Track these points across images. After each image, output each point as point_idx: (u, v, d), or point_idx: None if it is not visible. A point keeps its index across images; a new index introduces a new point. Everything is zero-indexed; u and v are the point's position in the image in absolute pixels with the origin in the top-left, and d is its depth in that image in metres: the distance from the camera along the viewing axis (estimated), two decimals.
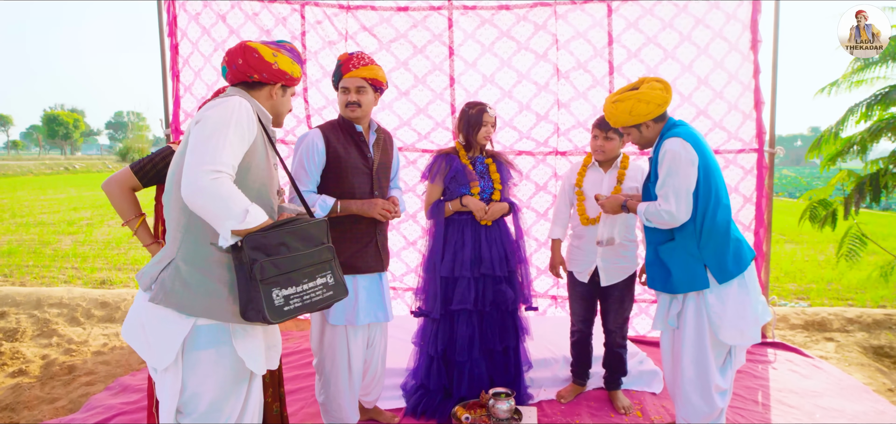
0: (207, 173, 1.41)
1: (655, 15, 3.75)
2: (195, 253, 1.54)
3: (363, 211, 2.38)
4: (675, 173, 2.14)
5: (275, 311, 1.48)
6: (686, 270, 2.22)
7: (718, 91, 3.84)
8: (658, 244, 2.31)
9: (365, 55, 2.38)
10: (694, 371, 2.26)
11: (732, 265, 2.19)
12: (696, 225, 2.21)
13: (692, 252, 2.21)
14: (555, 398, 3.00)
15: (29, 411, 3.02)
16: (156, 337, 1.53)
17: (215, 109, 1.53)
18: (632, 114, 2.24)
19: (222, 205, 1.42)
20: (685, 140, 2.17)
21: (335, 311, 2.36)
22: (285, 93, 1.79)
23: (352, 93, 2.36)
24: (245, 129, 1.55)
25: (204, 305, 1.52)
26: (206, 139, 1.45)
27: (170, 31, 4.06)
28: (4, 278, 6.58)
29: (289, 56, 1.76)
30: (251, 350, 1.62)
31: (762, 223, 3.94)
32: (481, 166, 2.82)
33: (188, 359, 1.55)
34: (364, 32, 3.98)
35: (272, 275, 1.49)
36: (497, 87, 3.91)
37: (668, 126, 2.29)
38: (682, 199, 2.15)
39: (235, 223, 1.44)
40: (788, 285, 6.60)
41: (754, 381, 3.31)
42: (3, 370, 3.57)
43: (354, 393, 2.49)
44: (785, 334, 4.31)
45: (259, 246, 1.48)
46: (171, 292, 1.50)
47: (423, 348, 2.83)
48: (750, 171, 3.95)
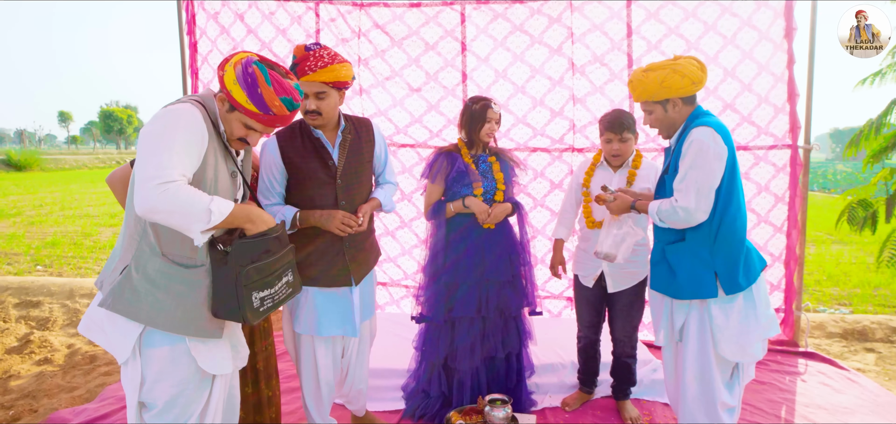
0: (157, 187, 1.38)
1: (678, 4, 3.56)
2: (147, 263, 1.55)
3: (321, 223, 2.15)
4: (699, 166, 1.94)
5: (254, 313, 1.56)
6: (693, 275, 2.05)
7: (747, 83, 3.62)
8: (666, 243, 2.14)
9: (325, 52, 2.06)
10: (698, 388, 2.11)
11: (742, 276, 2.03)
12: (711, 228, 2.04)
13: (703, 257, 2.05)
14: (559, 405, 2.90)
15: (48, 399, 3.15)
16: (112, 335, 1.56)
17: (158, 120, 1.49)
18: (663, 85, 2.02)
19: (181, 212, 1.41)
20: (716, 131, 1.97)
21: (297, 318, 2.26)
22: (230, 111, 1.64)
23: (310, 100, 2.07)
24: (193, 133, 1.51)
25: (149, 314, 1.53)
26: (151, 152, 1.42)
27: (189, 29, 4.14)
28: (44, 268, 6.93)
29: (240, 81, 1.57)
30: (208, 353, 1.62)
31: (795, 224, 3.70)
32: (484, 165, 2.72)
33: (145, 355, 1.57)
34: (376, 30, 3.94)
35: (255, 280, 1.54)
36: (510, 82, 3.81)
37: (696, 114, 2.09)
38: (703, 196, 1.95)
39: (202, 224, 1.44)
40: (830, 289, 6.20)
41: (779, 394, 3.10)
42: (31, 358, 3.74)
43: (324, 402, 2.37)
44: (820, 343, 4.04)
45: (248, 253, 1.53)
46: (120, 298, 1.52)
47: (424, 353, 2.77)
48: (782, 168, 3.72)
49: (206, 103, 1.63)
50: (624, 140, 2.60)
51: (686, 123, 2.09)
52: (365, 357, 2.52)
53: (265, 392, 2.23)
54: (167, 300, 1.54)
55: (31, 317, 4.56)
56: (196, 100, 1.61)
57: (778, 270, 3.81)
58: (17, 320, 4.52)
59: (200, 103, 1.61)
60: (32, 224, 10.78)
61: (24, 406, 3.06)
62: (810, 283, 6.34)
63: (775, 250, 3.79)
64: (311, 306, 2.23)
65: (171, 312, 1.54)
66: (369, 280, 2.43)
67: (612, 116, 2.62)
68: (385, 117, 4.01)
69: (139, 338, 1.55)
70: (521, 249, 2.75)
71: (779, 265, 3.81)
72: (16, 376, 3.45)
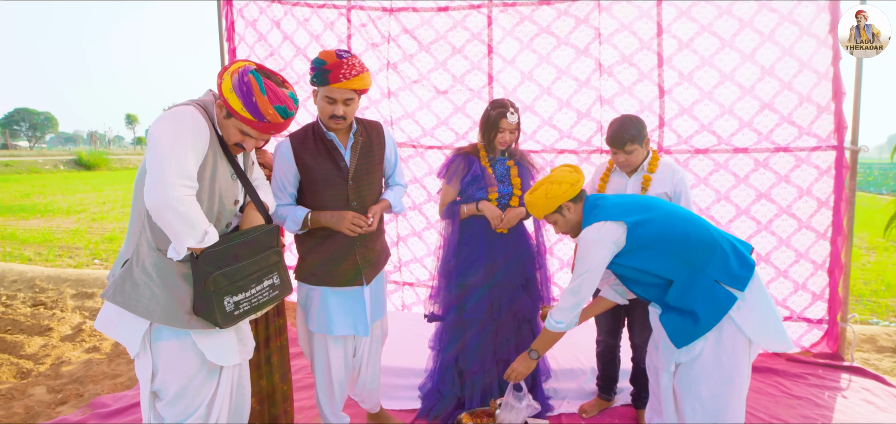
0: (177, 187, 1.45)
1: (712, 2, 3.43)
2: (145, 257, 1.63)
3: (332, 224, 2.20)
4: (588, 266, 2.05)
5: (226, 317, 1.60)
6: (709, 298, 1.94)
7: (787, 82, 3.45)
8: (662, 298, 2.05)
9: (356, 62, 2.12)
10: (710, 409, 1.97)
11: (738, 267, 1.95)
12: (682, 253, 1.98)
13: (702, 281, 1.96)
14: (577, 411, 2.86)
15: (93, 385, 3.36)
16: (123, 330, 1.65)
17: (168, 121, 1.56)
18: (548, 198, 2.16)
19: (187, 224, 1.49)
20: (597, 228, 2.07)
21: (311, 318, 2.31)
22: (227, 117, 1.70)
23: (339, 105, 2.13)
24: (198, 135, 1.59)
25: (146, 306, 1.61)
26: (168, 153, 1.49)
27: (228, 35, 4.34)
28: (101, 262, 7.38)
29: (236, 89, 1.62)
30: (214, 345, 1.70)
31: (840, 231, 3.50)
32: (502, 168, 2.71)
33: (155, 348, 1.66)
34: (405, 35, 4.00)
35: (224, 285, 1.59)
36: (535, 83, 3.78)
37: (587, 212, 2.17)
38: (581, 292, 2.10)
39: (194, 243, 1.53)
40: (889, 299, 5.80)
41: (816, 410, 2.94)
42: (81, 346, 4.00)
43: (336, 400, 2.43)
44: (868, 357, 3.80)
45: (213, 260, 1.57)
46: (121, 290, 1.61)
47: (439, 353, 2.80)
48: (826, 171, 3.52)
49: (207, 108, 1.71)
50: (628, 152, 2.52)
51: (585, 219, 2.18)
52: (376, 357, 2.56)
53: (279, 385, 2.32)
54: (162, 293, 1.62)
55: (85, 308, 4.89)
56: (198, 103, 1.69)
57: (821, 278, 3.61)
58: (73, 310, 4.85)
59: (202, 107, 1.69)
60: (94, 220, 11.51)
61: (71, 390, 3.29)
62: (866, 293, 5.95)
63: (818, 258, 3.59)
64: (324, 306, 2.29)
65: (165, 304, 1.62)
66: (380, 280, 2.47)
67: (612, 129, 2.54)
68: (412, 119, 4.06)
69: (148, 332, 1.64)
70: (537, 252, 2.73)
71: (822, 274, 3.61)
72: (67, 362, 3.70)
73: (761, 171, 3.56)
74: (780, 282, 3.65)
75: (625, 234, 2.02)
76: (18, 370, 3.56)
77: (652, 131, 3.64)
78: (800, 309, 3.67)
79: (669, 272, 2.00)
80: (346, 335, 2.34)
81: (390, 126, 4.05)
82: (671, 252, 1.99)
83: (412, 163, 4.12)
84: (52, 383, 3.38)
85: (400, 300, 4.37)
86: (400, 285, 4.35)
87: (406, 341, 3.37)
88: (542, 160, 3.82)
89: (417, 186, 4.12)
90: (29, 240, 9.05)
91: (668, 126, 3.63)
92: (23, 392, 3.26)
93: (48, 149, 75.96)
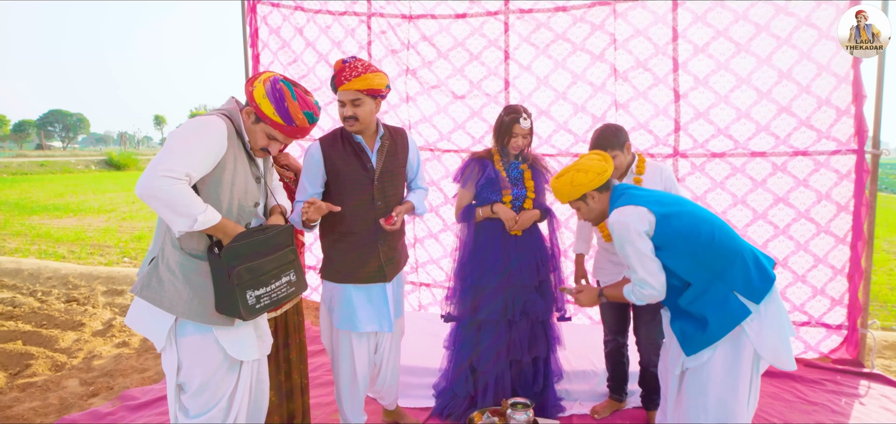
0: (159, 176, 1.56)
1: (727, 7, 3.43)
2: (170, 255, 1.74)
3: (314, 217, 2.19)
4: (628, 242, 2.01)
5: (249, 309, 1.70)
6: (722, 309, 1.95)
7: (805, 85, 3.43)
8: (680, 301, 2.05)
9: (360, 64, 2.21)
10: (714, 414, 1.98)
11: (758, 280, 1.95)
12: (705, 260, 1.98)
13: (718, 288, 1.96)
14: (589, 413, 2.89)
15: (123, 378, 3.52)
16: (150, 325, 1.76)
17: (185, 126, 1.70)
18: (573, 185, 2.16)
19: (170, 210, 1.59)
20: (625, 207, 2.04)
21: (336, 315, 2.41)
22: (256, 123, 1.83)
23: (347, 107, 2.24)
24: (211, 143, 1.69)
25: (171, 302, 1.72)
26: (169, 150, 1.61)
27: (252, 41, 4.48)
28: (130, 260, 7.63)
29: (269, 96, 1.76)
30: (235, 340, 1.81)
31: (860, 235, 3.46)
32: (516, 172, 2.77)
33: (180, 342, 1.76)
34: (424, 42, 4.08)
35: (247, 279, 1.68)
36: (551, 88, 3.82)
37: (614, 198, 2.14)
38: (648, 262, 2.00)
39: (184, 227, 1.62)
40: None
41: (831, 416, 2.92)
42: (112, 340, 4.18)
43: (358, 398, 2.51)
44: (891, 364, 3.74)
45: (236, 255, 1.67)
46: (148, 286, 1.72)
47: (453, 353, 2.86)
48: (846, 175, 3.48)
49: (233, 117, 1.83)
50: (612, 158, 2.53)
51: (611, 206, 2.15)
52: (396, 354, 2.65)
53: (296, 380, 2.41)
54: (185, 290, 1.73)
55: (115, 304, 5.08)
56: (224, 113, 1.82)
57: (840, 283, 3.58)
58: (104, 306, 5.05)
59: (227, 116, 1.81)
60: (124, 220, 11.88)
61: (102, 383, 3.45)
62: (892, 298, 5.83)
63: (837, 263, 3.56)
64: (349, 302, 2.39)
65: (188, 300, 1.73)
66: (400, 280, 2.57)
67: (595, 136, 2.61)
68: (430, 123, 4.14)
69: (173, 327, 1.75)
70: (551, 255, 2.78)
71: (841, 279, 3.57)
72: (98, 356, 3.87)
73: (779, 175, 3.54)
74: (797, 287, 3.63)
75: (653, 224, 2.00)
76: (53, 363, 3.74)
77: (667, 135, 3.66)
78: (818, 314, 3.64)
79: (689, 273, 2.00)
80: (370, 331, 2.43)
81: (408, 130, 4.14)
82: (694, 254, 1.98)
83: (429, 166, 4.20)
84: (84, 376, 3.55)
85: (416, 300, 4.45)
86: (416, 285, 4.43)
87: (421, 341, 3.45)
88: (557, 164, 3.86)
89: (434, 188, 4.20)
90: (62, 238, 9.40)
91: (684, 130, 3.63)
92: (57, 384, 3.43)
93: (80, 149, 78.38)
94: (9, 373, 3.58)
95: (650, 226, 2.00)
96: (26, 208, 13.93)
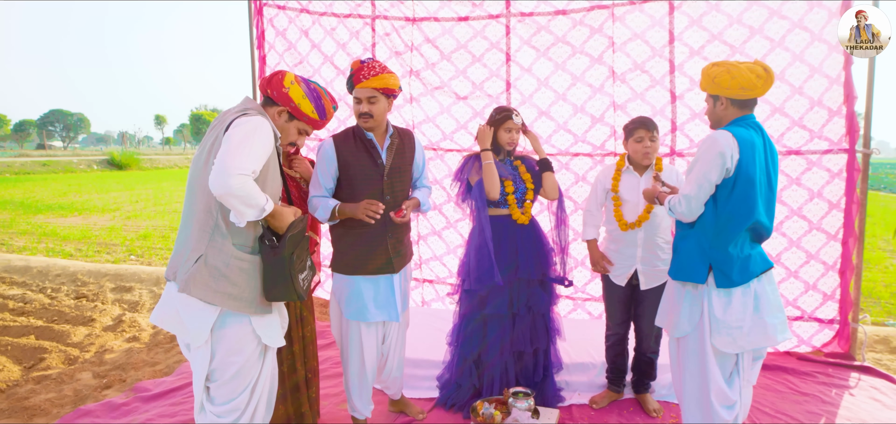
0: (236, 176, 1.69)
1: (722, 11, 3.53)
2: (220, 253, 1.82)
3: (352, 213, 2.38)
4: (702, 159, 2.08)
5: (303, 291, 1.91)
6: (689, 259, 2.17)
7: (797, 87, 3.53)
8: (679, 232, 2.28)
9: (376, 64, 2.38)
10: (695, 381, 2.19)
11: (737, 274, 2.10)
12: (716, 222, 2.12)
13: (703, 246, 2.14)
14: (588, 403, 3.00)
15: (134, 371, 3.62)
16: (190, 321, 1.82)
17: (243, 126, 1.80)
18: (714, 81, 2.14)
19: (246, 205, 1.74)
20: (735, 138, 2.04)
21: (346, 306, 2.52)
22: (290, 121, 2.04)
23: (363, 103, 2.39)
24: (266, 142, 1.84)
25: (224, 298, 1.81)
26: (237, 148, 1.73)
27: (258, 43, 4.57)
28: (136, 258, 7.74)
29: (308, 96, 2.03)
30: (267, 327, 1.93)
31: (851, 233, 3.56)
32: (510, 168, 2.88)
33: (216, 335, 1.85)
34: (427, 44, 4.18)
35: (298, 263, 1.89)
36: (551, 90, 3.93)
37: (739, 121, 2.13)
38: (702, 186, 2.07)
39: (254, 216, 1.78)
40: None
41: (821, 406, 3.03)
42: (123, 334, 4.28)
43: (367, 386, 2.62)
44: (881, 357, 3.84)
45: (294, 241, 1.86)
46: (197, 284, 1.79)
47: (458, 347, 2.95)
48: (837, 174, 3.59)
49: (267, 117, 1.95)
50: (654, 139, 2.72)
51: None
52: (402, 344, 2.77)
53: (302, 372, 2.51)
54: (239, 283, 1.83)
55: (124, 300, 5.19)
56: (263, 114, 1.93)
57: (832, 279, 3.68)
58: (113, 302, 5.15)
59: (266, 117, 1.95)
60: (129, 218, 11.98)
61: (115, 375, 3.55)
62: (885, 295, 5.93)
63: (829, 259, 3.66)
64: (359, 294, 2.51)
65: (239, 293, 1.83)
66: (406, 273, 2.68)
67: (639, 118, 2.74)
68: (433, 124, 4.24)
69: (213, 322, 1.82)
70: (554, 250, 2.88)
71: (833, 275, 3.67)
72: (109, 350, 3.98)
73: None
74: (790, 282, 3.73)
75: (733, 166, 2.03)
76: (66, 356, 3.84)
77: (664, 135, 3.76)
78: (811, 309, 3.74)
79: (705, 220, 2.13)
80: (378, 321, 2.55)
81: (412, 130, 4.24)
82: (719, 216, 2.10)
83: (433, 165, 4.30)
84: (97, 369, 3.65)
85: (420, 296, 4.55)
86: (420, 281, 4.53)
87: (425, 335, 3.55)
88: (557, 163, 3.96)
89: (437, 187, 4.30)
90: (69, 237, 9.51)
91: (681, 130, 3.74)
92: (71, 376, 3.53)
93: (81, 149, 78.51)
94: (24, 366, 3.69)
95: (732, 163, 2.03)
96: (31, 207, 14.05)
